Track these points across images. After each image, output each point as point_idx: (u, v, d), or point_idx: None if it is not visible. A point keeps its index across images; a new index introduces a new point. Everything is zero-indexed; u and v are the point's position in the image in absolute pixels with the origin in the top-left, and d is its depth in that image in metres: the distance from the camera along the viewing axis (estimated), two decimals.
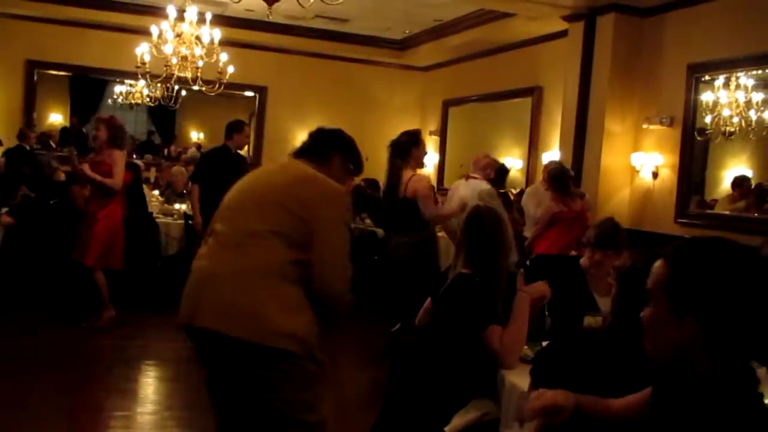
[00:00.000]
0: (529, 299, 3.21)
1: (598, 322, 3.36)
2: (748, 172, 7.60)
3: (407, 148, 6.57)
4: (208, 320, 2.74)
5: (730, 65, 7.38)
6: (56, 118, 16.16)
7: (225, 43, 9.14)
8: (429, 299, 3.46)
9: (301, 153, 3.13)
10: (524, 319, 3.13)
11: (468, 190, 6.89)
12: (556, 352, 2.25)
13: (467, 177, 7.26)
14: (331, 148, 3.15)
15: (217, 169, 7.54)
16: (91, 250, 6.95)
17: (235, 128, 7.94)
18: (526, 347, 3.12)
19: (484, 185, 6.87)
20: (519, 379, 2.82)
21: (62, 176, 9.46)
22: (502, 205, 6.11)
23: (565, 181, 7.27)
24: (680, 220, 7.77)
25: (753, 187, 7.42)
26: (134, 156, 13.55)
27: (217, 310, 2.73)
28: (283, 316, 2.70)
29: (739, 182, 7.55)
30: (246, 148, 15.34)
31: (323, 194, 2.88)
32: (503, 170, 8.73)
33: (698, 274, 1.62)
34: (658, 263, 1.70)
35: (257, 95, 13.39)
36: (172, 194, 9.42)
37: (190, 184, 8.65)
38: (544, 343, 3.13)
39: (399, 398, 3.19)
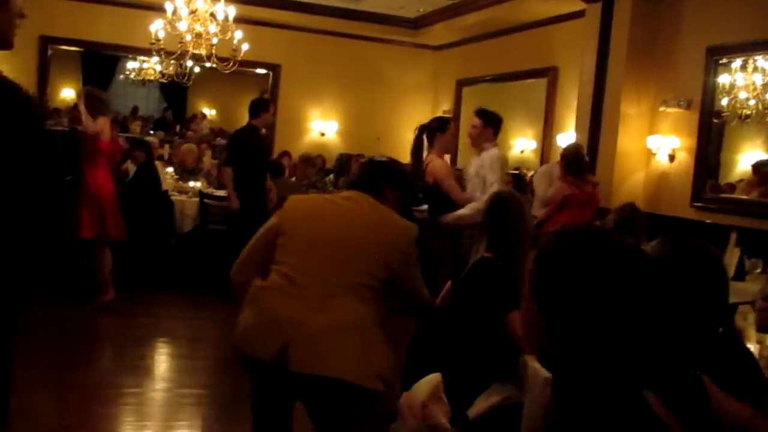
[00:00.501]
0: None
1: None
2: (764, 156, 7.53)
3: (433, 132, 6.37)
4: (303, 367, 2.77)
5: (749, 48, 7.29)
6: (68, 93, 16.15)
7: (238, 20, 9.09)
8: (450, 282, 3.45)
9: (359, 186, 3.11)
10: None
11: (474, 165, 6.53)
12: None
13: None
14: (383, 182, 3.14)
15: (249, 150, 7.52)
16: (82, 221, 6.79)
17: (262, 106, 7.83)
18: None
19: (493, 151, 6.44)
20: None
21: None
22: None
23: (579, 163, 7.20)
24: (696, 204, 7.72)
25: None
26: (151, 133, 13.58)
27: (310, 356, 2.77)
28: (372, 357, 2.81)
29: (759, 166, 7.48)
30: None
31: (413, 243, 3.02)
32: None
33: (541, 267, 1.59)
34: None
35: (270, 73, 13.33)
36: (183, 172, 9.41)
37: (211, 164, 8.61)
38: None
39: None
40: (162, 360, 6.23)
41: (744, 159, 7.76)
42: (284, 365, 2.77)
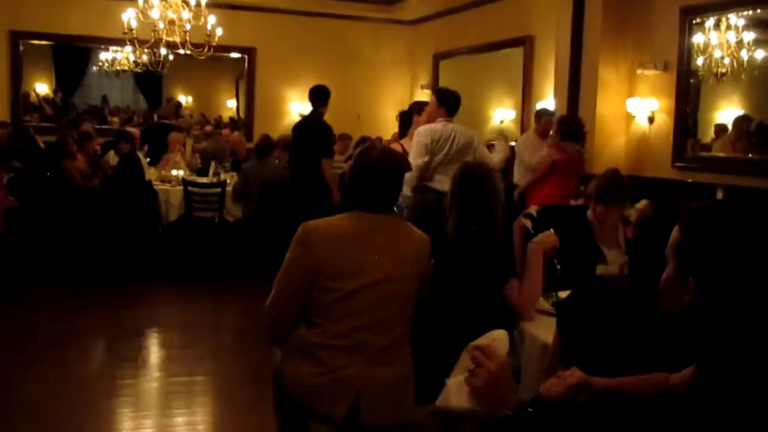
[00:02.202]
0: (541, 250, 3.22)
1: (610, 271, 3.38)
2: (741, 113, 7.59)
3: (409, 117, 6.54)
4: (375, 419, 2.87)
5: (722, 6, 7.32)
6: (42, 88, 15.95)
7: (212, 5, 9.02)
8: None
9: (373, 205, 3.01)
10: (539, 271, 3.14)
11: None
12: (581, 301, 2.25)
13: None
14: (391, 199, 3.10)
15: (329, 136, 7.65)
16: None
17: (327, 93, 7.82)
18: (541, 299, 3.14)
19: (419, 130, 6.37)
20: (539, 330, 2.85)
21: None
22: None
23: (576, 129, 7.26)
24: (678, 164, 7.77)
25: (754, 129, 7.39)
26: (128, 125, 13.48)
27: (380, 409, 2.88)
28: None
29: (738, 123, 7.53)
30: (236, 110, 15.37)
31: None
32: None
33: (702, 238, 1.61)
34: (675, 227, 1.70)
35: (246, 57, 13.25)
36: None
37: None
38: (560, 294, 3.15)
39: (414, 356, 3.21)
40: (156, 350, 6.23)
41: (721, 116, 7.81)
42: (355, 420, 2.85)
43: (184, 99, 17.47)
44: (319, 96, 7.75)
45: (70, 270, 7.90)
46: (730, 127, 7.64)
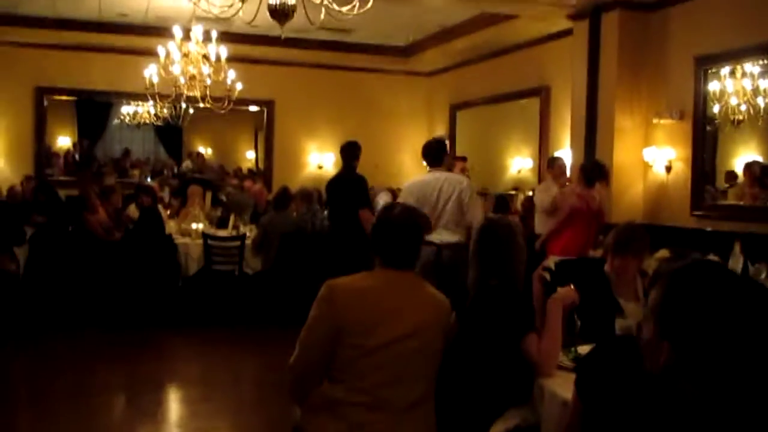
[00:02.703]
0: (560, 305, 3.22)
1: (629, 326, 3.36)
2: (759, 159, 7.59)
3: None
4: None
5: (736, 55, 7.37)
6: (64, 141, 16.22)
7: (231, 59, 9.16)
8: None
9: (394, 262, 3.03)
10: (558, 325, 3.14)
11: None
12: (599, 360, 2.25)
13: None
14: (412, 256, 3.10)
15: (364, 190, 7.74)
16: None
17: (358, 148, 7.89)
18: (561, 354, 3.13)
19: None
20: (559, 386, 2.84)
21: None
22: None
23: (600, 171, 7.46)
24: (696, 213, 7.76)
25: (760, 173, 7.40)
26: (148, 179, 13.66)
27: None
28: None
29: (749, 168, 7.55)
30: (254, 161, 15.51)
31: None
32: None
33: (677, 304, 1.67)
34: (656, 288, 1.74)
35: (265, 109, 13.43)
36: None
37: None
38: (579, 349, 3.14)
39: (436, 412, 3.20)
40: (176, 405, 6.22)
41: (739, 163, 7.82)
42: None
43: (204, 150, 17.71)
44: (350, 152, 7.83)
45: (90, 322, 7.94)
46: (740, 173, 7.66)
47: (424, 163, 6.47)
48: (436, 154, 6.36)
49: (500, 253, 3.32)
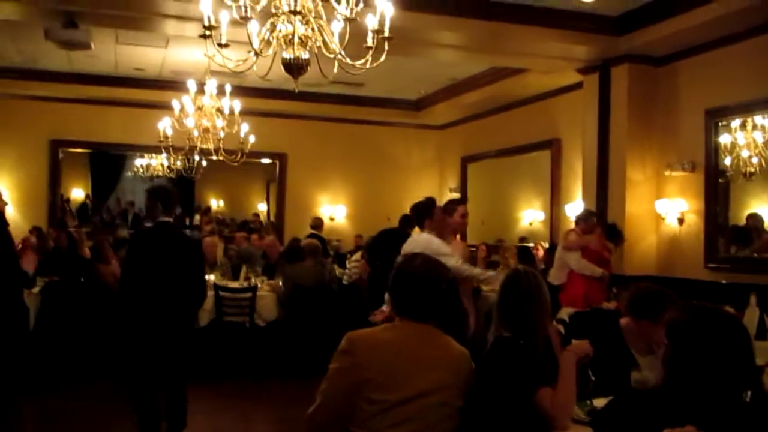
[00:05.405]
0: (575, 358, 3.19)
1: (645, 379, 3.33)
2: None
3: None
4: None
5: (747, 108, 7.42)
6: (78, 193, 16.36)
7: (244, 112, 9.27)
8: None
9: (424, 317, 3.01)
10: (572, 379, 3.10)
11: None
12: (615, 414, 2.22)
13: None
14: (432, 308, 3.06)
15: None
16: None
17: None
18: (576, 407, 3.09)
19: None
20: None
21: (88, 253, 9.53)
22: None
23: (618, 233, 7.78)
24: (710, 265, 7.72)
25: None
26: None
27: None
28: None
29: (752, 220, 7.57)
30: (266, 213, 15.55)
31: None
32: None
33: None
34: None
35: (277, 162, 13.53)
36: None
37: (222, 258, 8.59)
38: (594, 402, 3.10)
39: None
40: None
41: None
42: None
43: (216, 203, 17.80)
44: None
45: (101, 375, 7.89)
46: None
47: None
48: (417, 215, 6.34)
49: (520, 303, 3.28)
